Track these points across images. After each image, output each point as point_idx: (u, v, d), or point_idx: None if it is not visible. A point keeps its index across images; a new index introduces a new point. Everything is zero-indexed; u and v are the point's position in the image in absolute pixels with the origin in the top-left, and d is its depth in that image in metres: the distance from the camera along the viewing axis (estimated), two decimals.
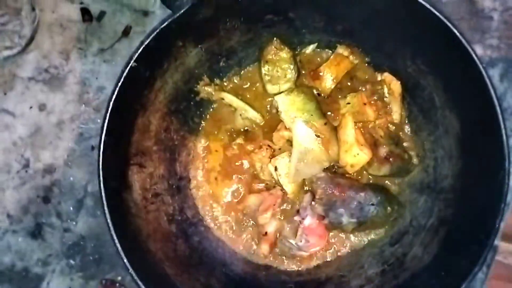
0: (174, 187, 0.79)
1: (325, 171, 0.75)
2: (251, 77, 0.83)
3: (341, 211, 0.73)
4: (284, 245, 0.77)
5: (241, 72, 0.83)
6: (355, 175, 0.78)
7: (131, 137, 0.72)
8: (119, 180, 0.69)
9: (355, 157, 0.74)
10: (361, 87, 0.79)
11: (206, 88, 0.80)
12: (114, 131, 0.67)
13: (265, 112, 0.81)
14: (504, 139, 0.65)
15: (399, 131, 0.80)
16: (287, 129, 0.76)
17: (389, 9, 0.68)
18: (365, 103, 0.77)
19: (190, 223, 0.79)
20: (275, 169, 0.76)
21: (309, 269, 0.78)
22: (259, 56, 0.81)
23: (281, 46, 0.78)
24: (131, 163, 0.72)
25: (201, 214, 0.81)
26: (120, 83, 0.67)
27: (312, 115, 0.75)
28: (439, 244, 0.70)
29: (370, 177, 0.79)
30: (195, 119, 0.82)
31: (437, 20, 0.65)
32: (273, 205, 0.76)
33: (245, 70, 0.83)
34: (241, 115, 0.81)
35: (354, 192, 0.74)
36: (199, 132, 0.83)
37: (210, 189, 0.82)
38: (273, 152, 0.78)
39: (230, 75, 0.83)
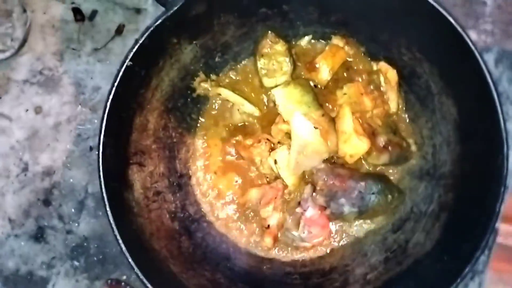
0: (175, 184, 0.79)
1: (324, 162, 0.75)
2: (247, 71, 0.82)
3: (342, 201, 0.74)
4: (287, 237, 0.77)
5: (237, 66, 0.83)
6: (354, 165, 0.78)
7: (129, 136, 0.72)
8: (120, 180, 0.69)
9: (354, 147, 0.74)
10: (357, 77, 0.79)
11: (202, 84, 0.80)
12: (112, 132, 0.67)
13: (263, 106, 0.81)
14: (501, 123, 0.66)
15: (397, 119, 0.80)
16: (285, 122, 0.76)
17: None
18: (362, 93, 0.77)
19: (192, 219, 0.79)
20: (275, 162, 0.76)
21: (313, 259, 0.78)
22: (254, 50, 0.81)
23: (276, 39, 0.78)
24: (130, 162, 0.72)
25: (203, 210, 0.81)
26: (116, 83, 0.66)
27: (309, 107, 0.75)
28: (441, 229, 0.70)
29: (369, 166, 0.80)
30: (192, 115, 0.82)
31: (431, 7, 0.65)
32: (275, 198, 0.76)
33: (241, 64, 0.83)
34: (238, 110, 0.80)
35: (354, 181, 0.74)
36: (197, 128, 0.83)
37: (211, 185, 0.81)
38: (272, 145, 0.78)
39: (226, 70, 0.82)
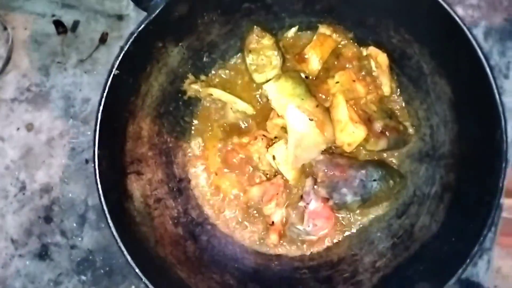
0: (174, 190, 0.78)
1: (323, 153, 0.75)
2: (236, 68, 0.82)
3: (345, 191, 0.73)
4: (292, 232, 0.77)
5: (225, 65, 0.82)
6: (353, 153, 0.78)
7: (124, 146, 0.71)
8: (119, 191, 0.68)
9: (351, 135, 0.73)
10: (348, 64, 0.79)
11: (192, 86, 0.79)
12: (106, 143, 0.66)
13: (256, 102, 0.80)
14: (496, 98, 0.65)
15: (392, 103, 0.80)
16: (280, 116, 0.75)
17: None
18: (354, 80, 0.77)
19: (196, 223, 0.78)
20: (273, 158, 0.76)
21: (320, 252, 0.78)
22: (241, 46, 0.80)
23: (262, 33, 0.77)
24: (128, 172, 0.71)
25: (205, 213, 0.80)
26: (105, 94, 0.65)
27: (303, 99, 0.74)
28: (446, 210, 0.70)
29: (368, 153, 0.79)
30: (186, 118, 0.81)
31: None
32: (276, 194, 0.76)
33: (230, 62, 0.82)
34: (231, 108, 0.79)
35: (354, 170, 0.73)
36: (191, 131, 0.82)
37: (211, 187, 0.81)
38: (269, 141, 0.77)
39: (215, 69, 0.82)
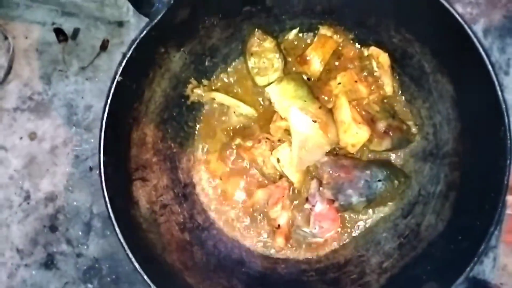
0: (180, 195, 0.78)
1: (327, 155, 0.75)
2: (238, 72, 0.82)
3: (350, 192, 0.73)
4: (298, 234, 0.77)
5: (227, 69, 0.82)
6: (357, 154, 0.78)
7: (129, 152, 0.71)
8: (125, 198, 0.68)
9: (355, 136, 0.73)
10: (349, 65, 0.79)
11: (195, 90, 0.79)
12: (111, 150, 0.66)
13: (258, 105, 0.80)
14: (499, 95, 0.65)
15: (394, 103, 0.80)
16: (283, 119, 0.75)
17: None
18: (356, 81, 0.77)
19: (202, 228, 0.78)
20: (278, 161, 0.76)
21: (327, 254, 0.78)
22: (242, 49, 0.80)
23: (263, 36, 0.77)
24: (133, 178, 0.71)
25: (211, 217, 0.80)
26: (109, 101, 0.65)
27: (305, 101, 0.75)
28: (451, 209, 0.70)
29: (372, 154, 0.79)
30: (189, 123, 0.81)
31: None
32: (282, 197, 0.76)
33: (231, 66, 0.82)
34: (234, 112, 0.80)
35: (359, 171, 0.74)
36: (195, 136, 0.82)
37: (216, 191, 0.81)
38: (273, 144, 0.77)
39: (217, 73, 0.82)
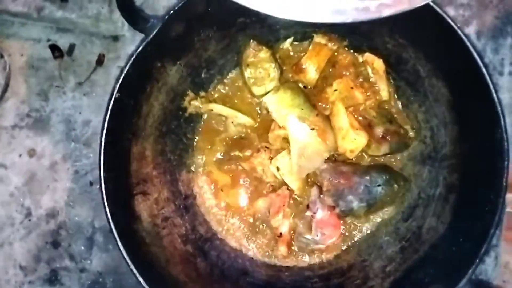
0: (181, 207, 0.78)
1: (326, 161, 0.75)
2: (235, 82, 0.82)
3: (350, 198, 0.74)
4: (301, 242, 0.77)
5: (224, 80, 0.82)
6: (356, 159, 0.79)
7: (129, 167, 0.71)
8: (127, 213, 0.69)
9: (353, 142, 0.74)
10: (345, 71, 0.79)
11: (192, 102, 0.79)
12: (111, 167, 0.66)
13: (256, 114, 0.81)
14: (494, 96, 0.66)
15: (391, 108, 0.81)
16: (281, 128, 0.76)
17: None
18: (352, 87, 0.78)
19: (204, 239, 0.78)
20: (278, 169, 0.76)
21: (330, 260, 0.78)
22: (238, 61, 0.80)
23: (258, 47, 0.78)
24: (134, 193, 0.71)
25: (213, 228, 0.80)
26: (107, 118, 0.66)
27: (302, 109, 0.75)
28: (451, 211, 0.71)
29: (370, 159, 0.80)
30: (188, 135, 0.82)
31: None
32: (283, 206, 0.76)
33: (228, 77, 0.82)
34: (232, 122, 0.80)
35: (359, 177, 0.74)
36: (194, 147, 0.82)
37: (217, 202, 0.81)
38: (272, 152, 0.78)
39: (214, 85, 0.82)
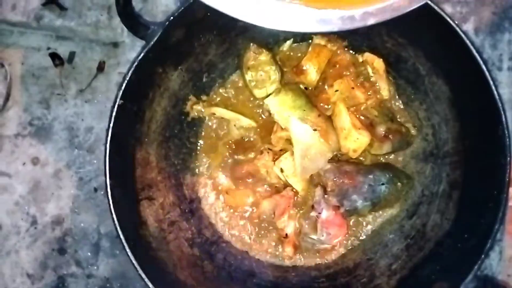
0: (187, 211, 0.79)
1: (330, 162, 0.76)
2: (236, 86, 0.83)
3: (355, 197, 0.74)
4: (306, 242, 0.77)
5: (225, 83, 0.83)
6: (359, 158, 0.79)
7: (134, 173, 0.71)
8: (133, 218, 0.69)
9: (356, 141, 0.75)
10: (345, 72, 0.80)
11: (195, 107, 0.80)
12: (116, 173, 0.67)
13: (258, 117, 0.81)
14: (494, 92, 0.66)
15: (392, 106, 0.81)
16: (284, 129, 0.76)
17: None
18: (352, 87, 0.78)
19: (211, 242, 0.79)
20: (281, 171, 0.77)
21: (336, 259, 0.79)
22: (239, 64, 0.81)
23: (259, 49, 0.78)
24: (140, 198, 0.72)
25: (219, 231, 0.81)
26: (111, 125, 0.66)
27: (304, 110, 0.76)
28: (455, 207, 0.71)
29: (373, 157, 0.80)
30: (191, 139, 0.82)
31: None
32: (288, 207, 0.77)
33: (229, 80, 0.83)
34: (235, 125, 0.80)
35: (362, 176, 0.75)
36: (198, 151, 0.83)
37: (222, 205, 0.82)
38: (275, 154, 0.78)
39: (215, 88, 0.83)
